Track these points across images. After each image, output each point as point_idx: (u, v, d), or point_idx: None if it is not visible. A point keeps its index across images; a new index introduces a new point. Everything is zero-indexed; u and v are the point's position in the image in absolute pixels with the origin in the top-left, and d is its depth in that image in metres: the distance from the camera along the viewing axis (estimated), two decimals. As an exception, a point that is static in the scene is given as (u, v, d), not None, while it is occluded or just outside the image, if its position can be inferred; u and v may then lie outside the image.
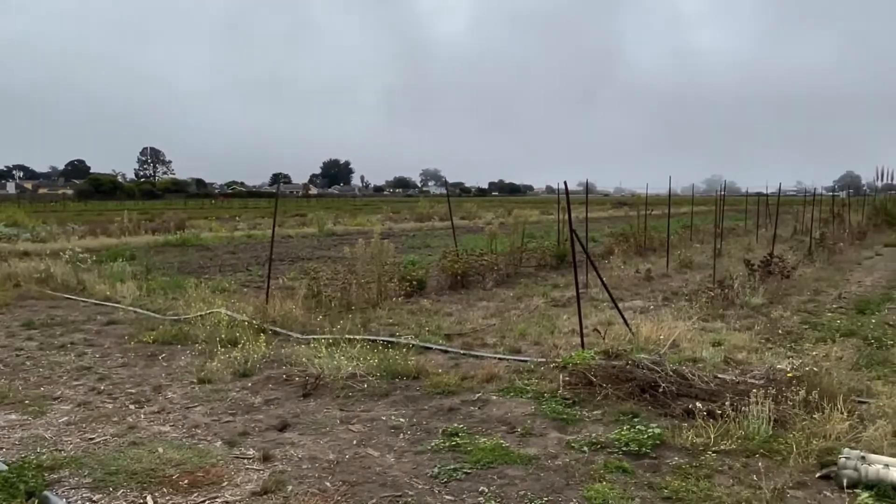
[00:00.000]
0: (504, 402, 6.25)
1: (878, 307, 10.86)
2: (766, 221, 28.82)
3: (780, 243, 21.36)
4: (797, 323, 9.69)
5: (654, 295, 12.27)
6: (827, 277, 14.45)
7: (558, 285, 13.63)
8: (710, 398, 5.86)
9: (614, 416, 5.77)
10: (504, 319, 10.10)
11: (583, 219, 17.74)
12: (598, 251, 18.63)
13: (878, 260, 18.32)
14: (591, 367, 6.60)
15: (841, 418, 5.18)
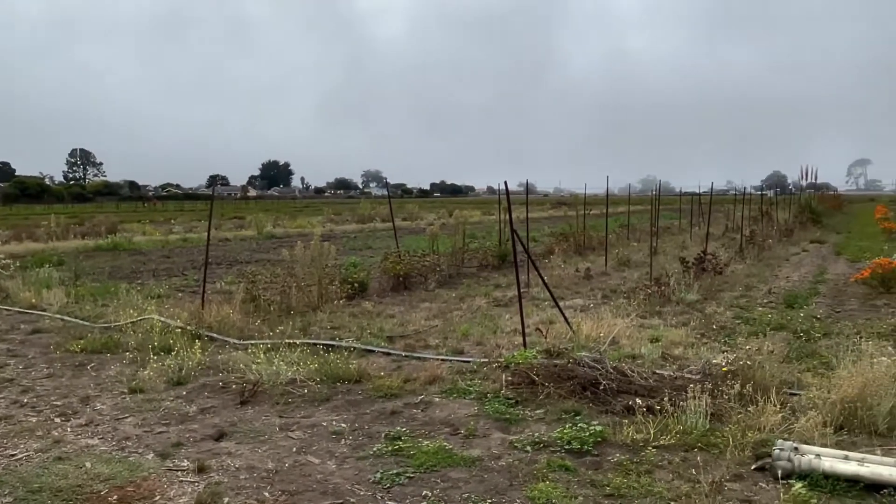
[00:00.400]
0: (447, 403, 6.19)
1: (806, 301, 11.29)
2: (699, 220, 29.70)
3: (712, 241, 22.04)
4: (730, 318, 9.97)
5: (594, 293, 12.44)
6: (757, 273, 14.95)
7: (500, 285, 13.68)
8: (649, 394, 5.94)
9: (557, 415, 5.78)
10: (447, 320, 10.06)
11: (524, 219, 17.91)
12: (538, 251, 18.81)
13: (805, 256, 19.09)
14: (533, 366, 6.61)
15: (774, 410, 5.31)
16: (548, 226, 31.69)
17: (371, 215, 41.77)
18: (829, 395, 5.48)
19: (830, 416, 5.28)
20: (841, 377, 5.63)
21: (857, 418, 5.24)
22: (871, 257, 15.87)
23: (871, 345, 6.61)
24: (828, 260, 18.08)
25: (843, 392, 5.39)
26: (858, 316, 10.00)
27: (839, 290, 12.59)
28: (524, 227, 16.28)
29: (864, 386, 5.34)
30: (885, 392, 5.31)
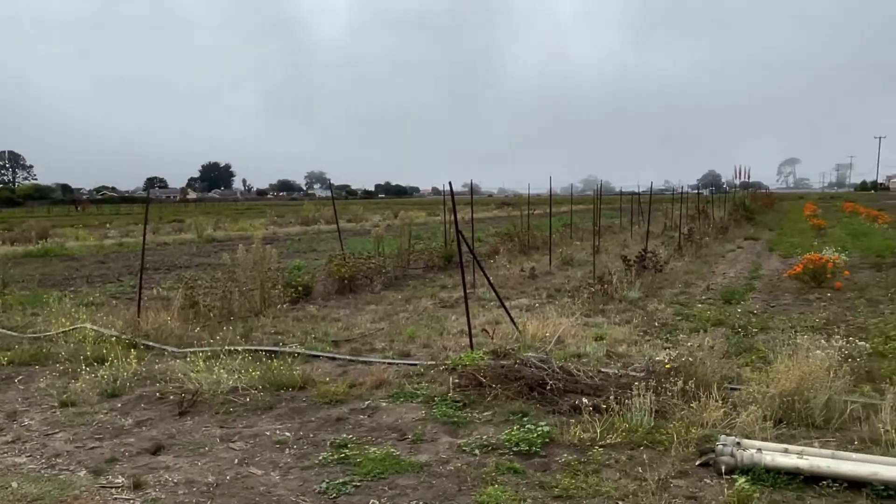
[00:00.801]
0: (394, 408, 6.09)
1: (743, 297, 11.61)
2: (639, 219, 30.36)
3: (652, 239, 22.53)
4: (671, 315, 10.16)
5: (539, 293, 12.52)
6: (695, 270, 15.33)
7: (446, 286, 13.64)
8: (595, 393, 5.97)
9: (504, 417, 5.75)
10: (393, 323, 9.95)
11: (469, 219, 17.91)
12: (484, 251, 18.86)
13: (740, 252, 19.69)
14: (480, 367, 6.57)
15: (716, 406, 5.40)
16: (493, 226, 31.87)
17: (315, 217, 41.21)
18: (767, 390, 5.61)
19: (770, 409, 5.40)
20: (778, 371, 5.76)
21: (794, 411, 5.38)
22: (802, 253, 16.46)
23: (806, 338, 6.82)
24: (762, 256, 18.68)
25: (781, 386, 5.52)
26: (792, 310, 10.33)
27: (773, 286, 13.00)
28: (469, 228, 16.26)
29: (801, 379, 5.49)
30: (821, 385, 5.46)
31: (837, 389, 5.51)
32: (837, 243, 19.27)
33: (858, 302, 10.74)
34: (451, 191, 9.13)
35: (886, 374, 6.51)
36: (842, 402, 5.44)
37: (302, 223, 39.33)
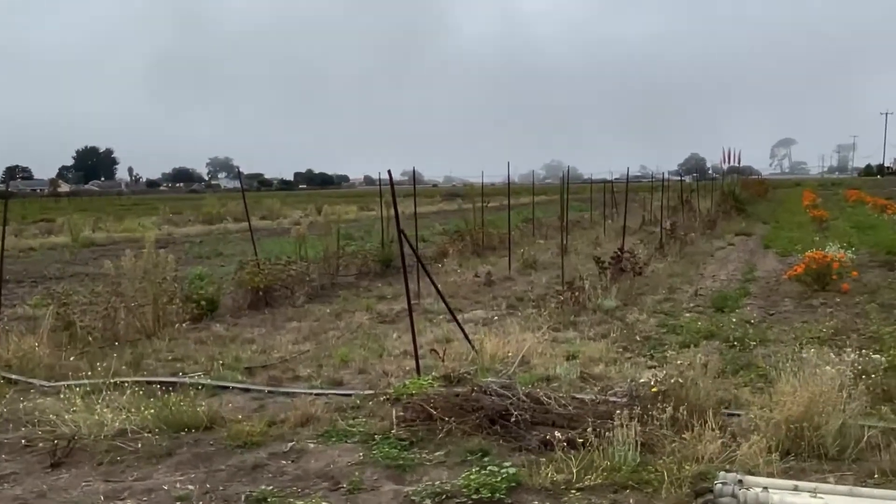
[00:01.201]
0: (325, 450, 5.97)
1: (737, 303, 11.89)
2: (612, 211, 30.87)
3: (629, 235, 22.89)
4: (655, 326, 10.32)
5: (498, 302, 12.56)
6: (681, 272, 15.64)
7: (385, 296, 13.56)
8: (569, 424, 5.97)
9: (461, 457, 5.70)
10: (320, 343, 9.83)
11: (410, 214, 17.87)
12: (429, 253, 18.86)
13: (731, 250, 20.22)
14: (429, 397, 6.52)
15: (713, 436, 5.46)
16: (439, 222, 31.93)
17: (221, 214, 40.50)
18: (772, 415, 5.71)
19: (775, 439, 5.49)
20: (783, 393, 5.87)
21: (804, 440, 5.48)
22: (802, 250, 16.96)
23: (813, 352, 6.99)
24: (756, 254, 19.22)
25: (787, 411, 5.62)
26: (794, 318, 10.62)
27: (771, 289, 13.36)
28: (412, 225, 16.20)
29: (810, 402, 5.60)
30: (833, 408, 5.58)
31: (852, 413, 5.64)
32: (842, 238, 19.96)
33: (870, 307, 11.12)
34: (391, 180, 9.04)
35: (905, 393, 6.72)
36: (858, 427, 5.57)
37: (205, 221, 38.59)
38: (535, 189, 29.91)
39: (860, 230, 23.77)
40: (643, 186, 40.10)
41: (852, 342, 8.72)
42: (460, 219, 24.89)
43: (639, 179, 60.42)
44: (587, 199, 35.29)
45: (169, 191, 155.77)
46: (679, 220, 24.10)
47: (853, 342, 8.72)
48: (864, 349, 7.80)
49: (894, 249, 17.68)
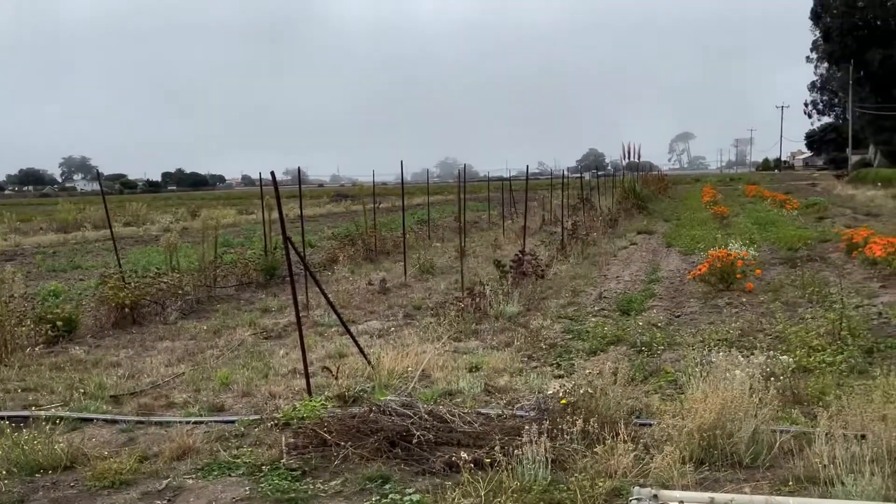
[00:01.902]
0: (206, 486, 5.75)
1: (642, 305, 12.23)
2: (511, 211, 31.33)
3: (528, 236, 23.29)
4: (560, 333, 10.48)
5: (394, 311, 12.50)
6: (584, 274, 15.99)
7: (270, 309, 13.28)
8: (475, 443, 5.98)
9: (359, 485, 5.60)
10: (197, 364, 9.51)
11: (295, 217, 17.58)
12: (318, 259, 18.62)
13: (634, 250, 20.83)
14: (322, 420, 6.41)
15: (625, 449, 5.56)
16: (328, 225, 31.65)
17: (78, 221, 38.71)
18: (684, 424, 5.86)
19: (688, 449, 5.65)
20: (694, 400, 6.04)
21: (717, 449, 5.65)
22: (704, 248, 17.71)
23: (722, 356, 7.25)
24: (659, 254, 19.87)
25: (699, 419, 5.78)
26: (701, 320, 11.01)
27: (676, 290, 13.83)
28: (298, 229, 15.94)
29: (722, 409, 5.78)
30: (745, 414, 5.79)
31: (764, 418, 5.86)
32: (743, 235, 20.95)
33: (774, 306, 11.65)
34: (275, 181, 8.84)
35: (814, 394, 7.05)
36: (770, 433, 5.79)
37: (59, 230, 36.83)
38: (430, 188, 30.02)
39: (761, 226, 24.96)
40: (542, 184, 40.98)
41: (759, 343, 9.10)
42: (350, 222, 24.72)
43: (537, 177, 61.68)
44: (485, 199, 35.72)
45: (15, 195, 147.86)
46: (580, 220, 24.64)
47: (760, 343, 9.11)
48: (771, 350, 8.18)
49: (795, 245, 18.65)
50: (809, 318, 10.47)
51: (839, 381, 7.47)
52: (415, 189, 50.09)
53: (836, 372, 7.84)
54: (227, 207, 51.01)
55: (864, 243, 15.64)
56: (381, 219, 25.52)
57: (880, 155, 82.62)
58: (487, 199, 35.04)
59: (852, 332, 9.25)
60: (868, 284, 13.30)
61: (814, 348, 8.69)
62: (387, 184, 48.98)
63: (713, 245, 17.04)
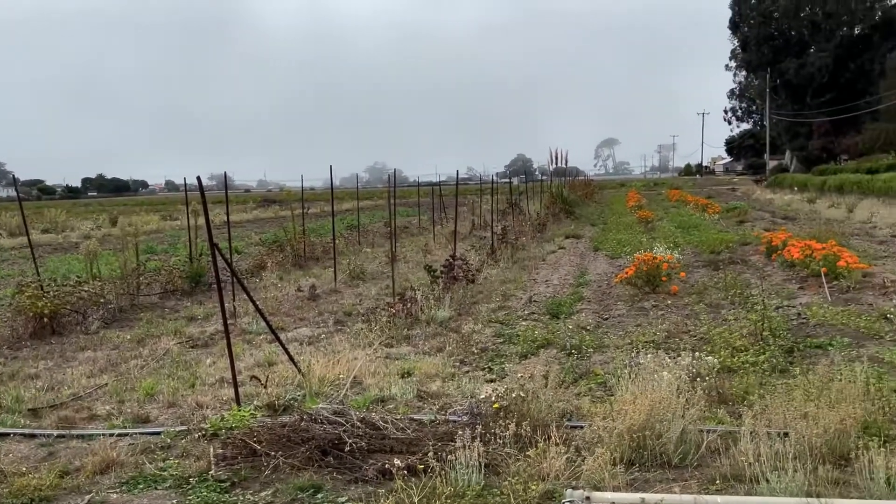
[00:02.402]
0: (130, 500, 5.59)
1: (571, 308, 12.37)
2: (441, 216, 31.39)
3: (459, 240, 23.35)
4: (491, 337, 10.52)
5: (324, 318, 12.37)
6: (514, 278, 16.10)
7: (196, 317, 13.01)
8: (408, 449, 5.95)
9: (290, 495, 5.51)
10: (121, 375, 9.23)
11: (222, 223, 17.29)
12: (246, 266, 18.33)
13: (562, 254, 21.07)
14: (252, 430, 6.29)
15: (557, 452, 5.59)
16: (255, 231, 31.21)
17: (-7, 228, 37.37)
18: (614, 425, 5.93)
19: (619, 450, 5.72)
20: (624, 401, 6.13)
21: (647, 450, 5.74)
22: (630, 251, 18.05)
23: (650, 357, 7.38)
24: (586, 257, 20.14)
25: (629, 420, 5.86)
26: (628, 322, 11.18)
27: (604, 293, 14.02)
28: (225, 235, 15.69)
29: (651, 410, 5.87)
30: (673, 415, 5.89)
31: (692, 418, 5.97)
32: (668, 239, 21.41)
33: (699, 308, 11.91)
34: (201, 186, 8.65)
35: (739, 394, 7.22)
36: (697, 433, 5.90)
37: (-28, 237, 35.48)
38: (359, 193, 29.87)
39: (684, 230, 25.56)
40: (471, 189, 41.13)
41: (685, 344, 9.30)
42: (278, 227, 24.41)
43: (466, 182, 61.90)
44: (415, 204, 35.73)
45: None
46: (510, 224, 24.84)
47: (686, 344, 9.31)
48: (696, 351, 8.37)
49: (717, 248, 19.14)
50: (732, 320, 10.74)
51: (762, 381, 7.68)
52: (344, 194, 49.79)
53: (759, 371, 8.05)
54: (150, 213, 49.92)
55: (782, 246, 16.14)
56: (310, 224, 25.28)
57: (796, 160, 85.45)
58: (417, 204, 35.06)
59: (773, 333, 9.52)
60: (787, 286, 13.72)
61: (737, 349, 8.91)
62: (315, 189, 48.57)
63: (639, 249, 17.38)
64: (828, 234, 18.71)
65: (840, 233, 20.60)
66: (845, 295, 12.29)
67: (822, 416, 5.67)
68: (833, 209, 33.29)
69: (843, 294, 12.35)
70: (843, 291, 12.51)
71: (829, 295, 12.18)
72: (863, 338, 9.59)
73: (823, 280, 12.87)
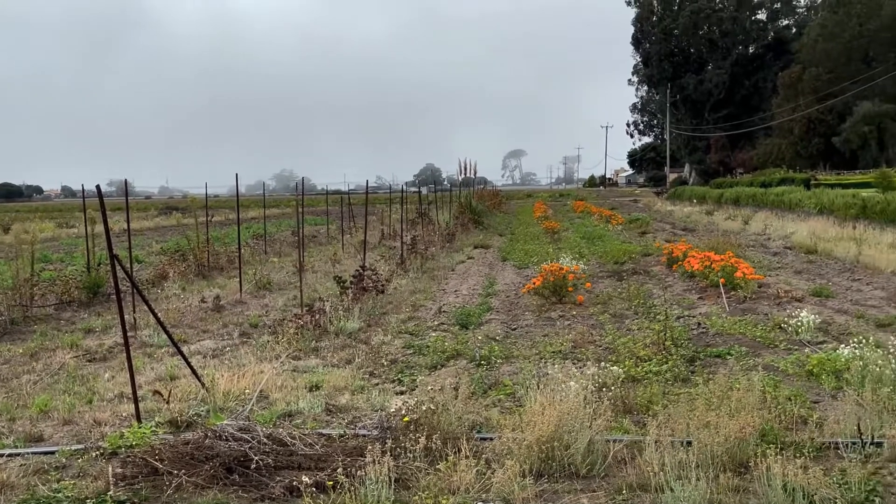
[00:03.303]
0: (22, 524, 5.31)
1: (480, 319, 12.43)
2: (350, 225, 31.19)
3: (368, 250, 23.25)
4: (401, 348, 10.47)
5: (229, 330, 12.09)
6: (423, 289, 16.10)
7: (94, 329, 12.52)
8: (317, 465, 5.86)
9: (194, 515, 5.34)
10: (12, 391, 8.79)
11: (122, 231, 16.73)
12: (146, 276, 17.76)
13: (471, 264, 21.20)
14: (153, 448, 6.08)
15: (467, 465, 5.59)
16: (156, 240, 30.35)
17: None
18: (523, 437, 5.97)
19: (528, 461, 5.76)
20: (532, 412, 6.18)
21: (555, 461, 5.80)
22: (538, 262, 18.29)
23: (557, 367, 7.48)
24: (495, 267, 20.32)
25: (537, 431, 5.91)
26: (536, 332, 11.31)
27: (512, 303, 14.16)
28: (125, 244, 15.15)
29: (559, 421, 5.93)
30: (580, 424, 5.97)
31: (598, 428, 6.07)
32: (573, 249, 21.82)
33: (604, 318, 12.15)
34: (100, 193, 8.34)
35: (643, 403, 7.37)
36: (604, 443, 6.00)
37: None
38: (266, 201, 29.41)
39: (589, 241, 26.07)
40: (381, 198, 41.09)
41: (591, 354, 9.46)
42: (181, 236, 23.78)
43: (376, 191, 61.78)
44: (323, 212, 35.41)
45: None
46: (419, 234, 24.85)
47: (592, 354, 9.48)
48: (602, 361, 8.54)
49: (620, 259, 19.59)
50: (636, 330, 10.99)
51: (665, 390, 7.87)
52: (250, 202, 49.00)
53: (663, 381, 8.26)
54: (45, 220, 47.98)
55: (683, 257, 16.63)
56: (215, 233, 24.69)
57: (695, 173, 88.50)
58: (326, 213, 34.75)
59: (675, 343, 9.79)
60: (687, 296, 14.15)
61: (641, 358, 9.12)
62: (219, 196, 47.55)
63: (546, 259, 17.63)
64: (725, 245, 19.38)
65: (737, 244, 21.37)
66: (742, 305, 12.75)
67: (722, 425, 5.85)
68: (730, 221, 34.55)
69: (741, 304, 12.81)
70: (740, 301, 12.97)
71: (728, 305, 12.62)
72: (759, 347, 9.96)
73: (722, 291, 13.33)
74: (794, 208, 33.80)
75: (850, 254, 19.12)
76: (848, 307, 12.56)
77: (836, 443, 6.17)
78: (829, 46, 69.73)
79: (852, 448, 5.98)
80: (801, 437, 6.23)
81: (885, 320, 11.24)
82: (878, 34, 67.85)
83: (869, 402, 6.73)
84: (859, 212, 26.79)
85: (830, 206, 29.74)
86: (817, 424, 6.55)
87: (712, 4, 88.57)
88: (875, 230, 23.57)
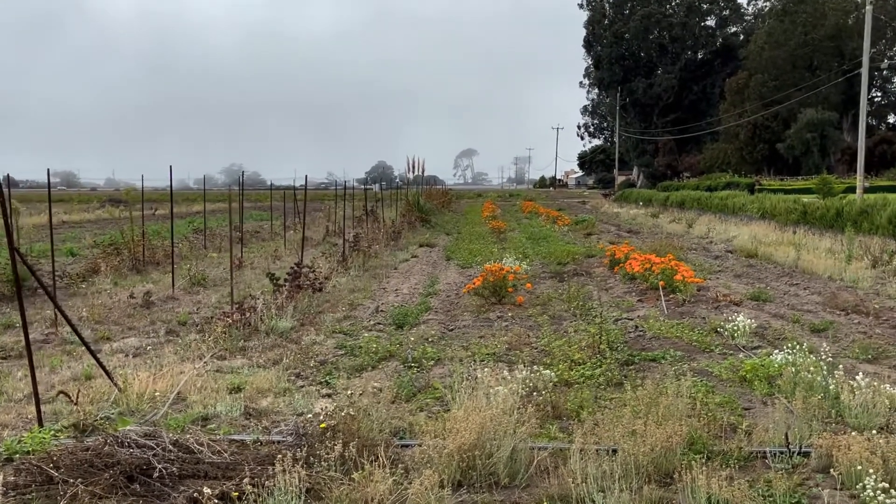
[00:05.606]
0: None
1: (417, 319, 12.14)
2: (295, 221, 30.66)
3: (312, 247, 22.86)
4: (332, 348, 10.13)
5: (156, 328, 11.61)
6: (363, 287, 15.76)
7: (14, 325, 11.92)
8: (224, 475, 5.52)
9: (87, 528, 4.96)
10: (-86, 390, 8.27)
11: (58, 223, 16.08)
12: (78, 269, 17.12)
13: (415, 263, 20.90)
14: (50, 454, 5.66)
15: (383, 475, 5.30)
16: (96, 232, 29.47)
17: None
18: (444, 445, 5.70)
19: (448, 471, 5.48)
20: (456, 419, 5.91)
21: (476, 470, 5.53)
22: (481, 261, 18.07)
23: (488, 371, 7.22)
24: (438, 266, 20.05)
25: (459, 439, 5.64)
26: (472, 334, 11.05)
27: (452, 303, 13.89)
28: (60, 236, 14.52)
29: (482, 428, 5.67)
30: (505, 432, 5.71)
31: (523, 436, 5.82)
32: (518, 249, 21.66)
33: (542, 319, 11.95)
34: (8, 182, 7.86)
35: (573, 408, 7.15)
36: (528, 450, 5.76)
37: None
38: (210, 195, 28.75)
39: (534, 241, 25.96)
40: (329, 195, 40.53)
41: (524, 357, 9.22)
42: (118, 229, 23.04)
43: (325, 187, 61.15)
44: (268, 208, 34.79)
45: None
46: (363, 231, 24.47)
47: (525, 357, 9.24)
48: (536, 364, 8.30)
49: (563, 260, 19.47)
50: (573, 332, 10.80)
51: (597, 395, 7.68)
52: (196, 196, 47.95)
53: (595, 385, 8.05)
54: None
55: (624, 259, 16.55)
56: (156, 226, 24.06)
57: (643, 176, 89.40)
58: (270, 209, 34.12)
59: (611, 346, 9.62)
60: (627, 298, 14.02)
61: (575, 362, 8.91)
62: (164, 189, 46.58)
63: (490, 259, 17.42)
64: (667, 248, 19.40)
65: (679, 247, 21.43)
66: (681, 308, 12.66)
67: (649, 434, 5.65)
68: (674, 224, 34.82)
69: (679, 307, 12.72)
70: (679, 305, 12.88)
71: (666, 308, 12.51)
72: (695, 351, 9.84)
73: (661, 293, 13.23)
74: (738, 212, 34.18)
75: (789, 258, 19.29)
76: (785, 312, 12.54)
77: (763, 452, 6.01)
78: (775, 54, 71.03)
79: (780, 458, 5.83)
80: (729, 445, 6.06)
81: (820, 325, 11.23)
82: (823, 43, 69.37)
83: (799, 410, 6.61)
84: (800, 217, 27.14)
85: (772, 211, 30.11)
86: (746, 433, 6.38)
87: (663, 10, 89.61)
88: (814, 235, 23.88)
